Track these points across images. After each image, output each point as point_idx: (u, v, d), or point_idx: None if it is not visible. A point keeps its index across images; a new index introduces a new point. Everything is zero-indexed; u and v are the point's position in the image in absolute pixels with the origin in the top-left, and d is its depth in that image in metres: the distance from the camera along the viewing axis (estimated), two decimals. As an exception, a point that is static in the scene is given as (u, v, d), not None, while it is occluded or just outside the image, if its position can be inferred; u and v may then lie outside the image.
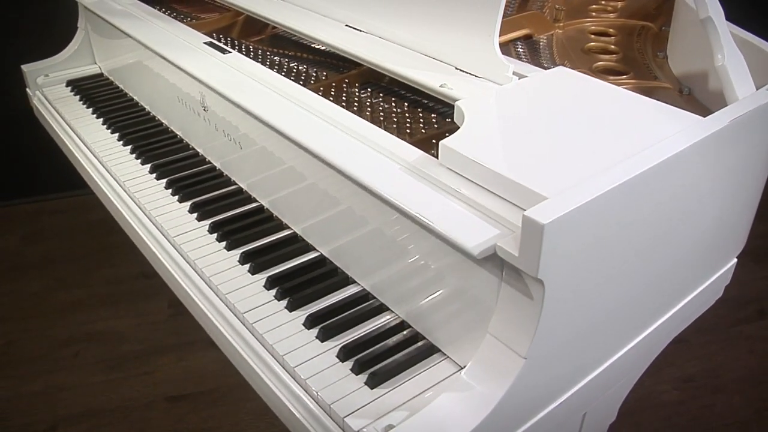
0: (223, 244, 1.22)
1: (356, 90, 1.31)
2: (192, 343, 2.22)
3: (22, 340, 2.23)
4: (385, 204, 0.95)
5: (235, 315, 1.08)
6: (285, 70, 1.41)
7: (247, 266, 1.16)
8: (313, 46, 1.55)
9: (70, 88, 1.89)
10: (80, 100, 1.81)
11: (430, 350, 0.98)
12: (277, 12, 1.45)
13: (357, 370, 0.95)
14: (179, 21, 1.62)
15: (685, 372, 2.01)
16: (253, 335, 1.04)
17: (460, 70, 1.13)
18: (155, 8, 1.72)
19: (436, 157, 0.93)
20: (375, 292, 1.08)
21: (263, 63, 1.38)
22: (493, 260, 0.82)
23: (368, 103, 1.25)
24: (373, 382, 0.93)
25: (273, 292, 1.10)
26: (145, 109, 1.74)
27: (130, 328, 2.29)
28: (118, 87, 1.88)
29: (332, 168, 1.02)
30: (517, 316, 0.82)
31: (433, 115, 1.21)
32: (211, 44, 1.41)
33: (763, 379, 1.98)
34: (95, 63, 2.00)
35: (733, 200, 1.10)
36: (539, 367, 0.85)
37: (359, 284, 1.11)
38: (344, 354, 0.97)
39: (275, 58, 1.47)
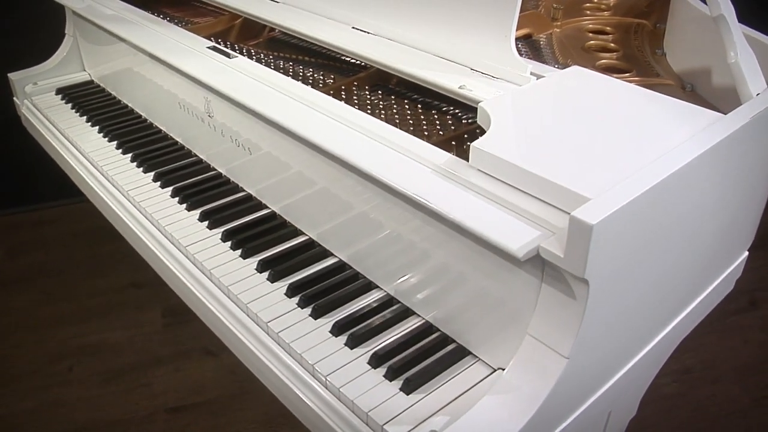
0: (239, 252, 1.20)
1: (366, 93, 1.30)
2: (189, 352, 2.18)
3: (12, 356, 2.17)
4: (418, 208, 0.94)
5: (258, 324, 1.06)
6: (290, 74, 1.39)
7: (266, 274, 1.14)
8: (313, 48, 1.54)
9: (60, 96, 1.84)
10: (72, 109, 1.77)
11: (461, 353, 0.98)
12: (282, 16, 1.43)
13: (390, 376, 0.94)
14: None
15: (683, 364, 2.04)
16: (279, 345, 1.02)
17: (476, 71, 1.13)
18: (150, 13, 1.68)
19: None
20: (399, 297, 1.07)
21: (267, 67, 1.36)
22: (533, 262, 0.82)
23: (381, 106, 1.24)
24: (409, 388, 0.92)
25: (296, 299, 1.08)
26: (141, 116, 1.70)
27: (124, 340, 2.24)
28: (110, 94, 1.84)
29: (360, 173, 1.01)
30: (559, 316, 0.82)
31: (448, 117, 1.20)
32: (214, 48, 1.38)
33: (760, 368, 2.02)
34: (84, 70, 1.95)
35: (750, 193, 1.12)
36: (579, 366, 0.85)
37: (382, 289, 1.10)
38: (376, 360, 0.96)
39: (279, 62, 1.45)
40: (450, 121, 1.19)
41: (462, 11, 1.14)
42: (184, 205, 1.33)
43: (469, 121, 1.19)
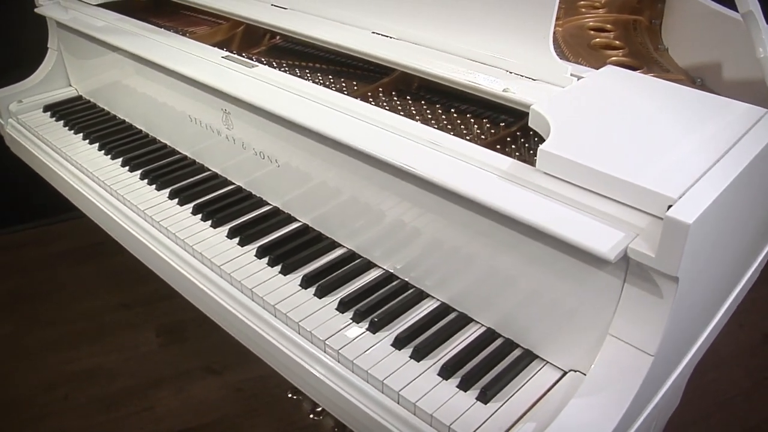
0: (278, 268, 1.16)
1: (394, 98, 1.29)
2: (190, 371, 2.12)
3: (2, 386, 2.06)
4: (484, 215, 0.93)
5: (313, 342, 1.03)
6: (309, 81, 1.36)
7: (312, 289, 1.11)
8: (319, 55, 1.51)
9: (49, 113, 1.75)
10: (66, 126, 1.69)
11: (529, 357, 0.97)
12: (298, 23, 1.39)
13: (464, 386, 0.93)
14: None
15: (684, 350, 2.09)
16: (339, 362, 1.00)
17: (514, 73, 1.12)
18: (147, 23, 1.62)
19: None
20: (456, 305, 1.06)
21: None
22: (617, 263, 0.81)
23: (414, 111, 1.23)
24: (486, 397, 0.91)
25: (349, 314, 1.06)
26: (141, 131, 1.64)
27: (120, 363, 2.16)
28: (103, 110, 1.76)
29: (418, 182, 0.99)
30: (644, 315, 0.83)
31: (484, 121, 1.19)
32: (229, 57, 1.34)
33: (756, 350, 2.10)
34: (71, 85, 1.87)
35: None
36: (661, 363, 0.86)
37: (434, 298, 1.08)
38: (447, 372, 0.95)
39: (294, 69, 1.41)
40: (488, 125, 1.18)
41: (494, 13, 1.14)
42: (209, 222, 1.29)
43: (505, 124, 1.19)
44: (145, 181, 1.44)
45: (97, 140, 1.60)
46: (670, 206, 0.79)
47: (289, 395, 1.77)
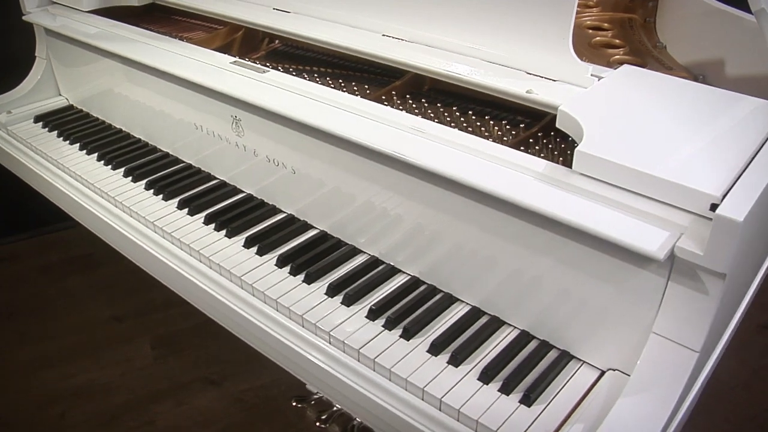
0: (301, 277, 1.14)
1: (409, 101, 1.28)
2: (188, 383, 2.08)
3: (-5, 408, 2.00)
4: (522, 217, 0.93)
5: (346, 352, 1.01)
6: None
7: (339, 298, 1.09)
8: (322, 59, 1.49)
9: (41, 124, 1.70)
10: (60, 137, 1.64)
11: (566, 358, 0.97)
12: (307, 27, 1.37)
13: (506, 390, 0.92)
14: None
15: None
16: (375, 371, 0.98)
17: (533, 74, 1.12)
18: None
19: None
20: (485, 307, 1.06)
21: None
22: (657, 260, 0.82)
23: (431, 114, 1.22)
24: (529, 401, 0.90)
25: (380, 321, 1.05)
26: (140, 140, 1.60)
27: (116, 377, 2.10)
28: (98, 119, 1.71)
29: (455, 184, 0.98)
30: (688, 312, 0.83)
31: (504, 123, 1.19)
32: (237, 63, 1.32)
33: (750, 341, 2.14)
34: (60, 95, 1.82)
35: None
36: (702, 359, 0.87)
37: (464, 302, 1.08)
38: (487, 376, 0.94)
39: (303, 74, 1.40)
40: (508, 127, 1.18)
41: (511, 14, 1.14)
42: (224, 232, 1.26)
43: (524, 125, 1.19)
44: (151, 191, 1.41)
45: (95, 150, 1.56)
46: (713, 204, 0.79)
47: (294, 403, 1.75)
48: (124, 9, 1.74)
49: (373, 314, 1.06)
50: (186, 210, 1.33)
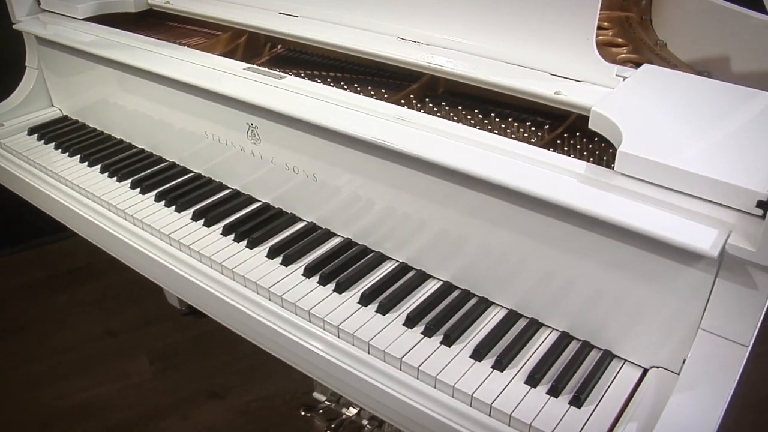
0: (331, 287, 1.12)
1: (429, 104, 1.27)
2: (191, 397, 2.04)
3: (-9, 431, 1.93)
4: (566, 219, 0.93)
5: (387, 361, 1.00)
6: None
7: (374, 306, 1.08)
8: (329, 63, 1.47)
9: (36, 136, 1.64)
10: (58, 149, 1.59)
11: (609, 357, 0.98)
12: (320, 31, 1.36)
13: (555, 392, 0.92)
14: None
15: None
16: (419, 379, 0.97)
17: (556, 75, 1.13)
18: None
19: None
20: (523, 310, 1.06)
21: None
22: (709, 258, 0.83)
23: (455, 118, 1.22)
24: (579, 402, 0.91)
25: (419, 329, 1.04)
26: (144, 150, 1.56)
27: (114, 395, 2.05)
28: (95, 129, 1.67)
29: (495, 188, 0.98)
30: (737, 307, 0.85)
31: (528, 125, 1.19)
32: (251, 69, 1.29)
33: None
34: (53, 105, 1.76)
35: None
36: (750, 353, 0.88)
37: (500, 305, 1.08)
38: (534, 379, 0.94)
39: (315, 79, 1.38)
40: (533, 128, 1.18)
41: (533, 15, 1.14)
42: (245, 243, 1.24)
43: (549, 126, 1.19)
44: (162, 203, 1.37)
45: (97, 162, 1.51)
46: (759, 201, 0.81)
47: (302, 413, 1.73)
48: (114, 15, 1.69)
49: (410, 322, 1.05)
50: (202, 221, 1.31)
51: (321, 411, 1.76)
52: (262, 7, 1.49)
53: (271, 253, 1.21)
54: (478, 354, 0.98)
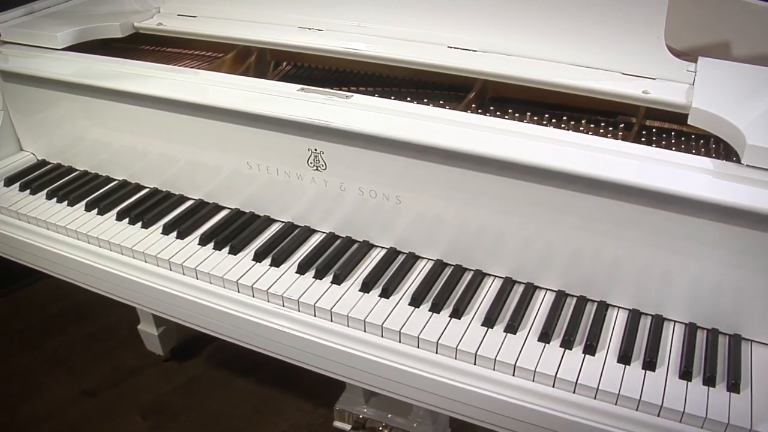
0: (449, 312, 1.08)
1: (496, 112, 1.26)
2: (198, 448, 1.88)
3: None
4: (697, 215, 0.95)
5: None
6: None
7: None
8: (364, 76, 1.42)
9: (19, 187, 1.42)
10: (51, 198, 1.38)
11: (740, 343, 1.02)
12: (360, 44, 1.30)
13: (712, 382, 0.95)
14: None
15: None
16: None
17: (628, 74, 1.16)
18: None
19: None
20: (645, 308, 1.08)
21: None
22: None
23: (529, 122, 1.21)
24: (737, 388, 0.94)
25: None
26: (157, 189, 1.40)
27: (114, 461, 1.85)
28: (87, 172, 1.47)
29: (625, 191, 0.98)
30: None
31: (603, 125, 1.22)
32: (306, 90, 1.20)
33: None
34: (23, 150, 1.54)
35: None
36: None
37: (619, 306, 1.09)
38: (688, 374, 0.97)
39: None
40: (612, 129, 1.21)
41: (601, 15, 1.16)
42: (329, 279, 1.16)
43: (622, 125, 1.22)
44: (210, 245, 1.24)
45: (108, 209, 1.34)
46: None
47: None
48: (87, 44, 1.50)
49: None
50: (268, 261, 1.20)
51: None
52: (280, 23, 1.39)
53: (364, 287, 1.14)
54: (625, 359, 0.99)
